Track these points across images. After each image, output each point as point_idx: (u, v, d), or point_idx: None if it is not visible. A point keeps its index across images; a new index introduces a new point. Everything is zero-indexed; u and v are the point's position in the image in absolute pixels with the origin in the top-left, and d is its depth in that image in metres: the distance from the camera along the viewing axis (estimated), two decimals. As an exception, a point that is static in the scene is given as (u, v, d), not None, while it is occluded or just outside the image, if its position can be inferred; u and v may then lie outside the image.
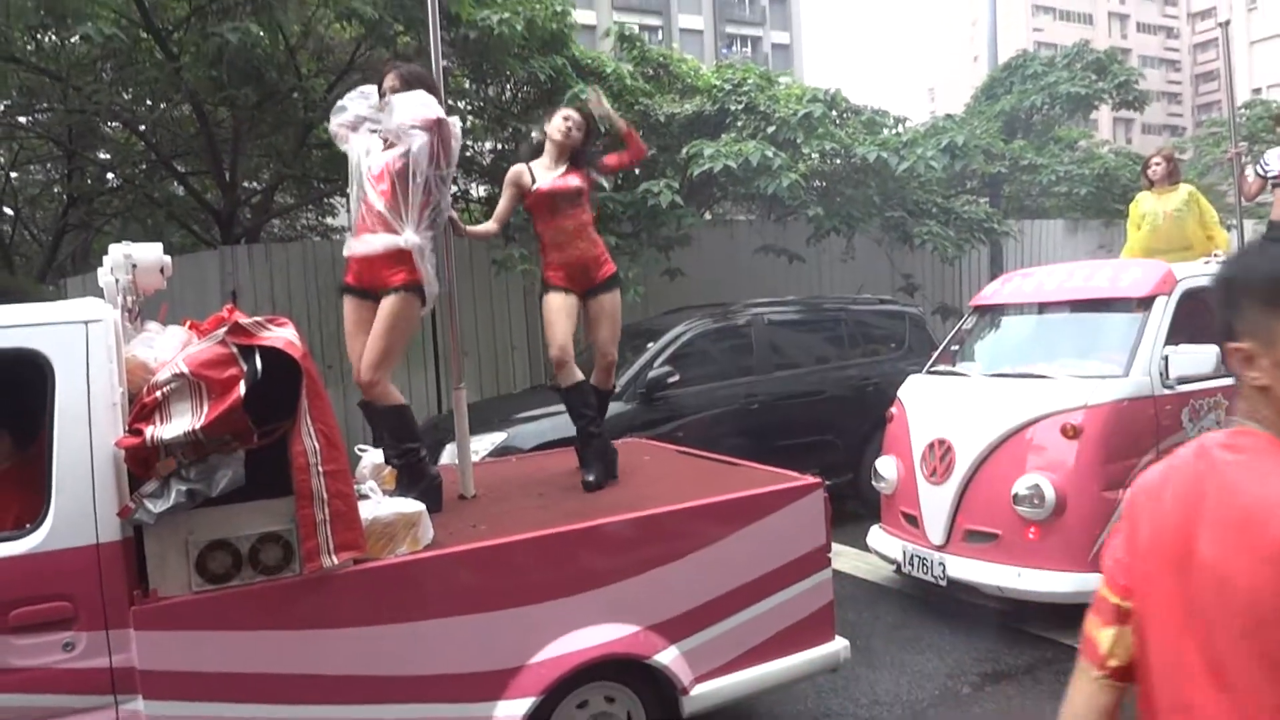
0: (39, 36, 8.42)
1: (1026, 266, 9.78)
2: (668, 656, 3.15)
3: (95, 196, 12.39)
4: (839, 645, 3.55)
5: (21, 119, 10.64)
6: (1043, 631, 4.69)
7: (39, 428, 2.55)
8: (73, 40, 8.60)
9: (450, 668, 2.83)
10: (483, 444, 6.03)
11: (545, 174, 4.14)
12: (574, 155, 4.20)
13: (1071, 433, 4.65)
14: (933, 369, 5.88)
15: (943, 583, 4.90)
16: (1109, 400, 4.70)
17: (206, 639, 2.53)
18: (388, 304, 3.46)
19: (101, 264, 3.01)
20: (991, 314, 5.98)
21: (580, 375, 4.12)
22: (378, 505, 2.91)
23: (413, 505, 2.96)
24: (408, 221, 3.41)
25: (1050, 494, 4.56)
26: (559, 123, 4.16)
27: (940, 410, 5.31)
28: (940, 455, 5.07)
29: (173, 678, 2.48)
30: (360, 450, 3.90)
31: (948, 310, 10.79)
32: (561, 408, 4.44)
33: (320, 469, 2.60)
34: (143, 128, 10.50)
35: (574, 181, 4.14)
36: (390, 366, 3.53)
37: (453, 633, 2.84)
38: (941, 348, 6.17)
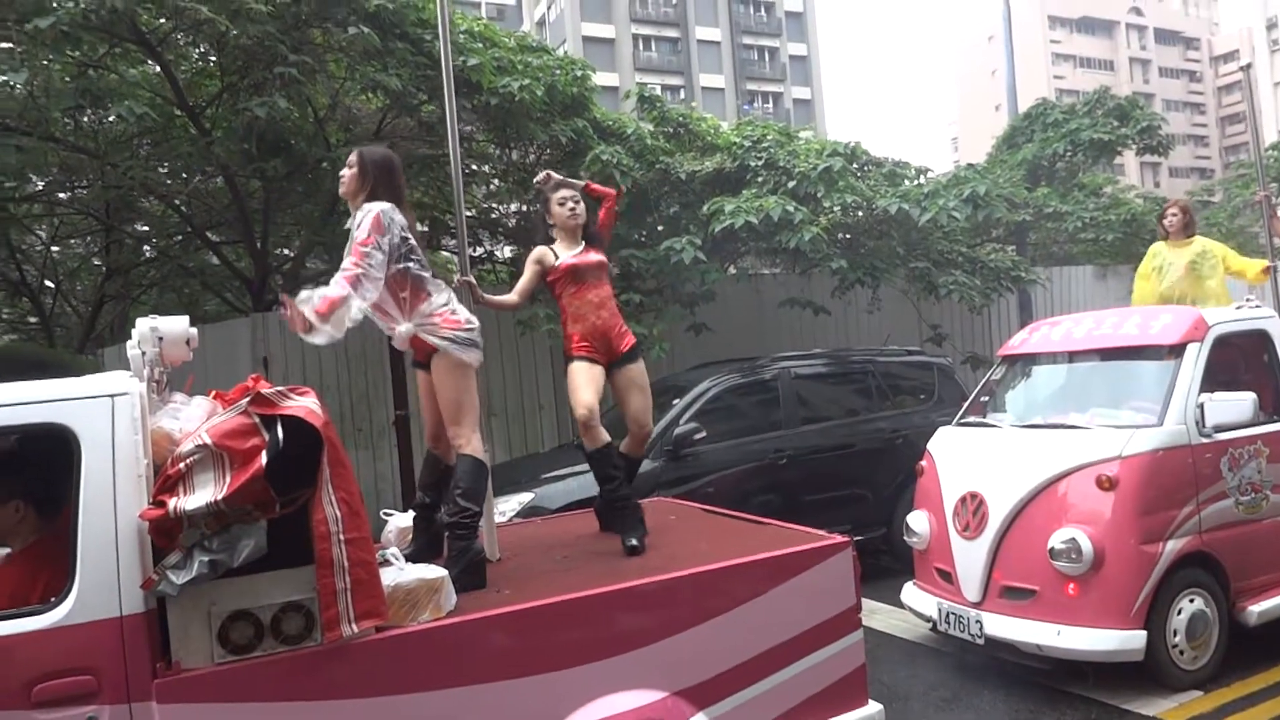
0: (77, 116, 8.71)
1: (1057, 313, 9.71)
2: (696, 723, 3.07)
3: (132, 268, 12.70)
4: (873, 710, 3.44)
5: (61, 195, 10.96)
6: (1085, 692, 4.55)
7: (64, 501, 2.58)
8: (110, 119, 8.90)
9: (474, 738, 2.78)
10: (510, 504, 6.03)
11: (567, 253, 4.20)
12: (587, 236, 4.25)
13: (1107, 484, 4.55)
14: (963, 420, 5.80)
15: (980, 641, 4.77)
16: (1144, 450, 4.61)
17: (229, 711, 2.50)
18: (434, 369, 3.53)
19: None
20: (1020, 364, 5.91)
21: (607, 437, 4.11)
22: (400, 572, 2.89)
23: (435, 571, 2.94)
24: (400, 314, 3.44)
25: (1088, 548, 4.45)
26: (559, 209, 4.19)
27: (971, 463, 5.23)
28: (973, 509, 4.97)
29: (195, 752, 2.46)
30: (385, 515, 3.90)
31: (978, 360, 10.69)
32: (587, 467, 4.42)
33: (341, 537, 2.59)
34: (178, 200, 10.78)
35: (595, 257, 4.20)
36: (465, 420, 3.54)
37: (476, 700, 2.79)
38: (971, 399, 6.10)
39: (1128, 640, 4.40)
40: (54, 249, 13.48)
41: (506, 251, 11.60)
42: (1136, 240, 12.70)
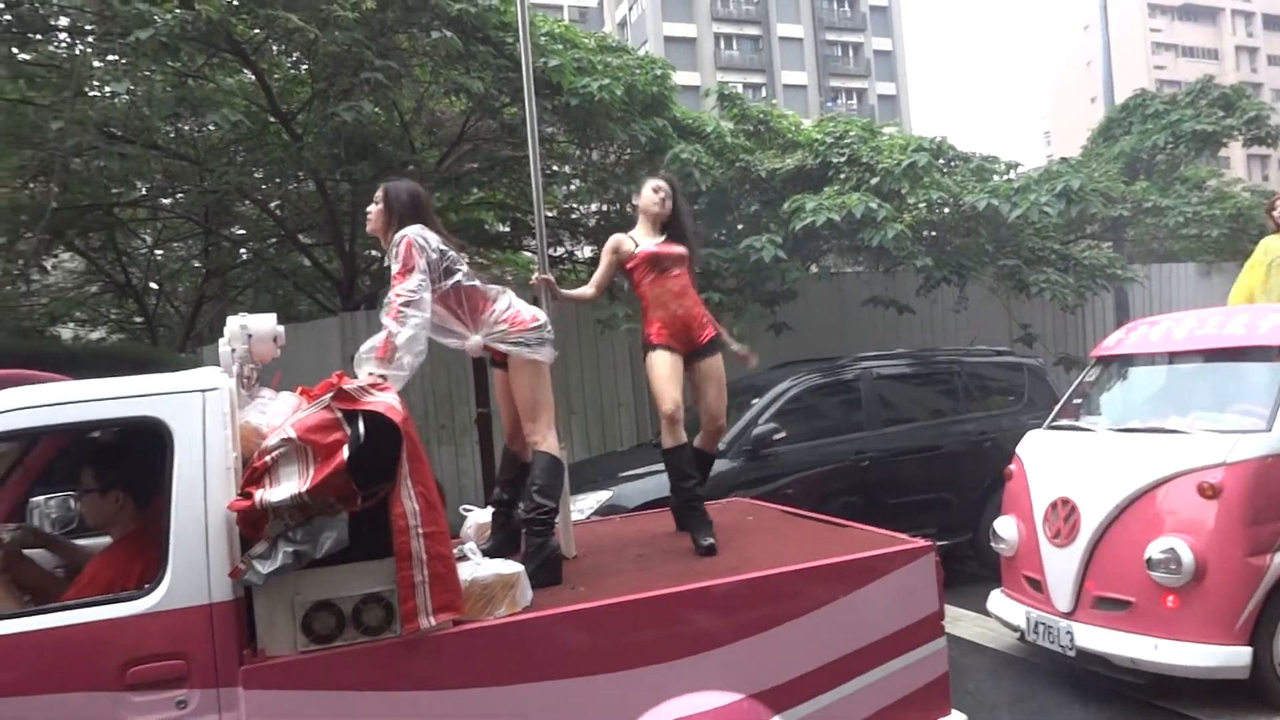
0: (177, 124, 9.07)
1: (1156, 313, 9.31)
2: (772, 727, 3.03)
3: (229, 269, 13.20)
4: (957, 719, 3.35)
5: (164, 200, 11.45)
6: (1184, 709, 4.33)
7: (158, 492, 2.67)
8: (208, 127, 9.25)
9: (548, 734, 2.79)
10: (588, 502, 6.04)
11: (646, 240, 4.19)
12: (670, 228, 4.22)
13: (1210, 492, 4.33)
14: (1054, 424, 5.60)
15: (1070, 653, 4.59)
16: (1252, 457, 4.36)
17: (311, 698, 2.56)
18: (510, 370, 3.57)
19: None
20: (1117, 365, 5.67)
21: (686, 437, 4.08)
22: (477, 567, 2.92)
23: (511, 567, 2.96)
24: (466, 328, 3.46)
25: (1188, 558, 4.24)
26: (651, 194, 4.19)
27: (1063, 467, 5.04)
28: (1064, 515, 4.79)
29: (279, 737, 2.52)
30: (464, 510, 3.95)
31: (1070, 361, 10.32)
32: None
33: (420, 531, 2.63)
34: (272, 204, 11.17)
35: (676, 248, 4.17)
36: (541, 418, 3.55)
37: (550, 697, 2.79)
38: (1063, 401, 5.88)
39: (1231, 657, 4.17)
40: (157, 252, 14.11)
41: (586, 251, 11.67)
42: (1243, 236, 12.10)
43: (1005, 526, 5.23)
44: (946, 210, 9.02)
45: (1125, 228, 12.07)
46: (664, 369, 4.04)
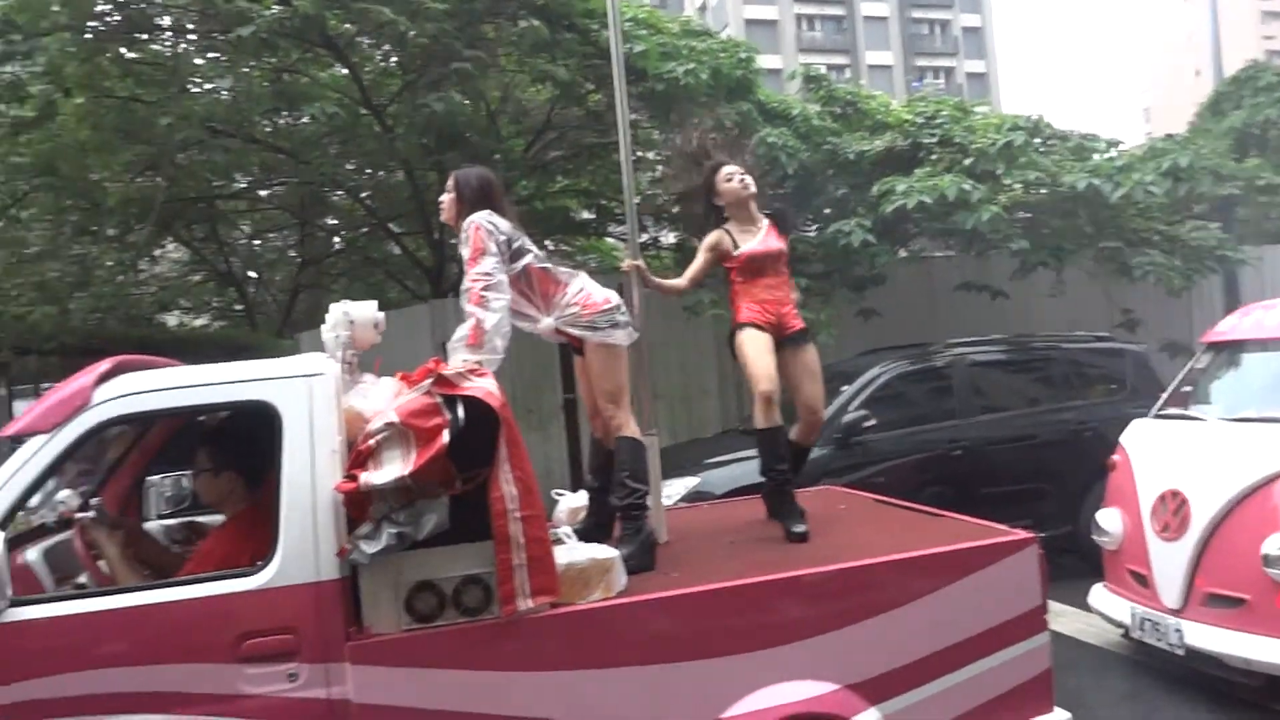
0: (274, 118, 9.37)
1: (1270, 296, 8.84)
2: (868, 718, 2.98)
3: (323, 258, 13.61)
4: (1060, 717, 3.25)
5: (261, 192, 11.85)
6: (1305, 712, 4.13)
7: (267, 473, 2.77)
8: (303, 120, 9.53)
9: (641, 718, 2.80)
10: (675, 489, 6.05)
11: (746, 237, 4.03)
12: (771, 213, 4.13)
13: (1334, 485, 4.10)
14: (1161, 413, 5.37)
15: (1179, 651, 4.40)
16: (1379, 447, 4.12)
17: (414, 676, 2.63)
18: (586, 354, 3.58)
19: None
20: (1229, 351, 5.40)
21: (781, 419, 4.00)
22: (573, 550, 2.95)
23: (607, 551, 2.98)
24: (538, 311, 3.47)
25: (1310, 554, 4.02)
26: (729, 184, 4.03)
27: (1172, 458, 4.83)
28: (1173, 509, 4.59)
29: (383, 711, 2.58)
30: (557, 495, 3.99)
31: (1176, 347, 9.88)
32: (753, 452, 4.32)
33: (518, 515, 2.67)
34: (363, 194, 11.45)
35: (775, 244, 4.05)
36: (620, 401, 3.55)
37: (645, 682, 2.81)
38: (1171, 389, 5.63)
39: (1358, 659, 3.96)
40: (255, 242, 14.64)
41: (670, 237, 11.65)
42: (1367, 215, 11.42)
43: (1109, 519, 5.05)
44: (1044, 191, 8.71)
45: (1236, 207, 11.46)
46: (757, 345, 3.91)
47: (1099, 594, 5.12)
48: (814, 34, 49.09)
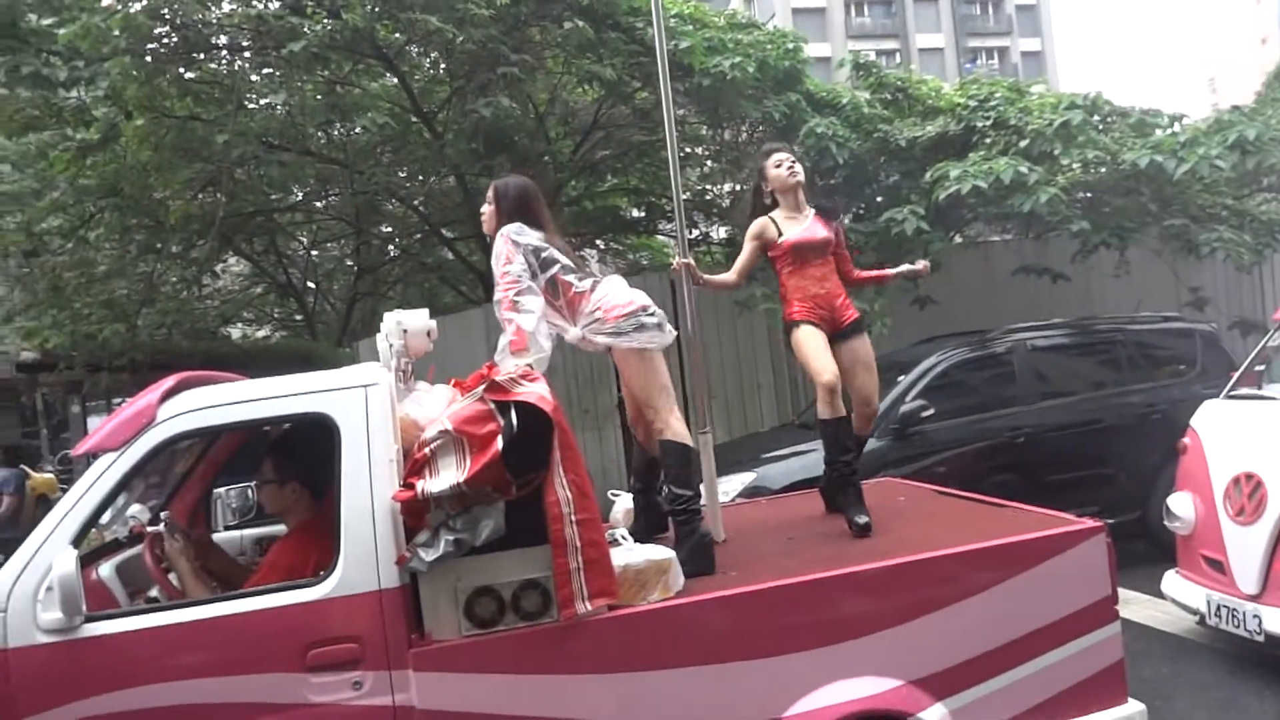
0: (328, 130, 9.54)
1: (1345, 269, 8.49)
2: (934, 715, 2.94)
3: (379, 266, 13.84)
4: (1134, 709, 3.16)
5: (318, 204, 12.10)
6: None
7: (327, 482, 2.82)
8: (355, 131, 9.70)
9: (704, 718, 2.79)
10: (732, 484, 6.02)
11: (790, 225, 4.01)
12: (817, 205, 4.11)
13: None
14: (1233, 393, 5.20)
15: (1259, 638, 4.26)
16: None
17: (476, 681, 2.66)
18: (617, 361, 3.56)
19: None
20: (1304, 327, 5.21)
21: (845, 410, 3.96)
22: (629, 552, 2.95)
23: (663, 552, 2.98)
24: (567, 322, 3.44)
25: (1396, 536, 3.86)
26: (778, 170, 4.02)
27: (1246, 440, 4.68)
28: (1249, 492, 4.45)
29: (446, 717, 2.62)
30: (613, 496, 4.00)
31: (1247, 325, 9.54)
32: (809, 446, 4.30)
33: (573, 518, 2.68)
34: (416, 201, 11.62)
35: (821, 232, 4.00)
36: (659, 404, 3.48)
37: (706, 682, 2.80)
38: (1243, 368, 5.45)
39: None
40: (313, 253, 14.95)
41: (721, 232, 11.61)
42: None
43: (1181, 504, 4.90)
44: (1104, 170, 8.46)
45: (1309, 178, 11.04)
46: (814, 341, 3.90)
47: (1172, 580, 4.98)
48: (863, 19, 48.43)
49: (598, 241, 13.40)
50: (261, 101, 8.87)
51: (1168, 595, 4.98)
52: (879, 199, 9.27)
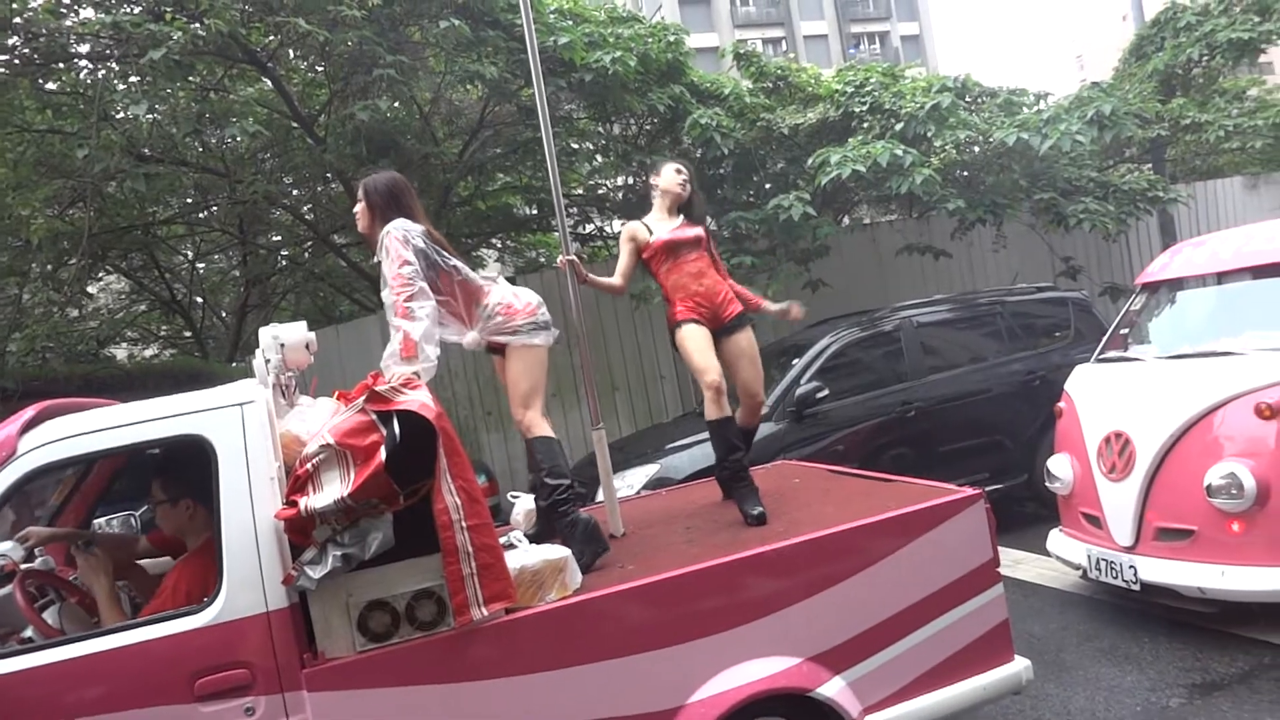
0: (204, 139, 9.18)
1: (1204, 232, 9.03)
2: (833, 688, 3.03)
3: (268, 277, 13.38)
4: (1020, 665, 3.32)
5: (199, 215, 11.64)
6: (1257, 634, 4.26)
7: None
8: (237, 139, 9.35)
9: (608, 711, 2.81)
10: (636, 477, 6.06)
11: (661, 225, 4.16)
12: (687, 210, 4.22)
13: (1268, 412, 4.21)
14: (1102, 356, 5.48)
15: (1135, 587, 4.52)
16: (1309, 372, 4.24)
17: (375, 696, 2.62)
18: (508, 359, 3.57)
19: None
20: (1163, 290, 5.52)
21: (730, 409, 4.07)
22: (525, 554, 2.95)
23: (558, 551, 2.98)
24: (463, 324, 3.47)
25: (1250, 482, 4.13)
26: (674, 175, 4.18)
27: (1114, 400, 4.93)
28: (1119, 449, 4.70)
29: (347, 736, 2.58)
30: (512, 498, 3.98)
31: (1117, 290, 10.08)
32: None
33: (464, 524, 2.66)
34: (303, 209, 11.29)
35: (691, 230, 4.15)
36: (533, 404, 3.53)
37: (608, 676, 2.83)
38: (1109, 333, 5.75)
39: (1302, 578, 4.08)
40: (198, 266, 14.36)
41: (616, 225, 11.63)
42: (1290, 144, 11.68)
43: (1059, 465, 5.15)
44: (976, 149, 8.81)
45: (1165, 148, 11.70)
46: (698, 341, 4.02)
47: (1056, 538, 5.23)
48: (748, 9, 48.98)
49: (494, 241, 13.25)
50: (129, 111, 8.48)
51: (1052, 553, 5.23)
52: (767, 186, 9.45)
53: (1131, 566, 4.54)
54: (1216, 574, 4.21)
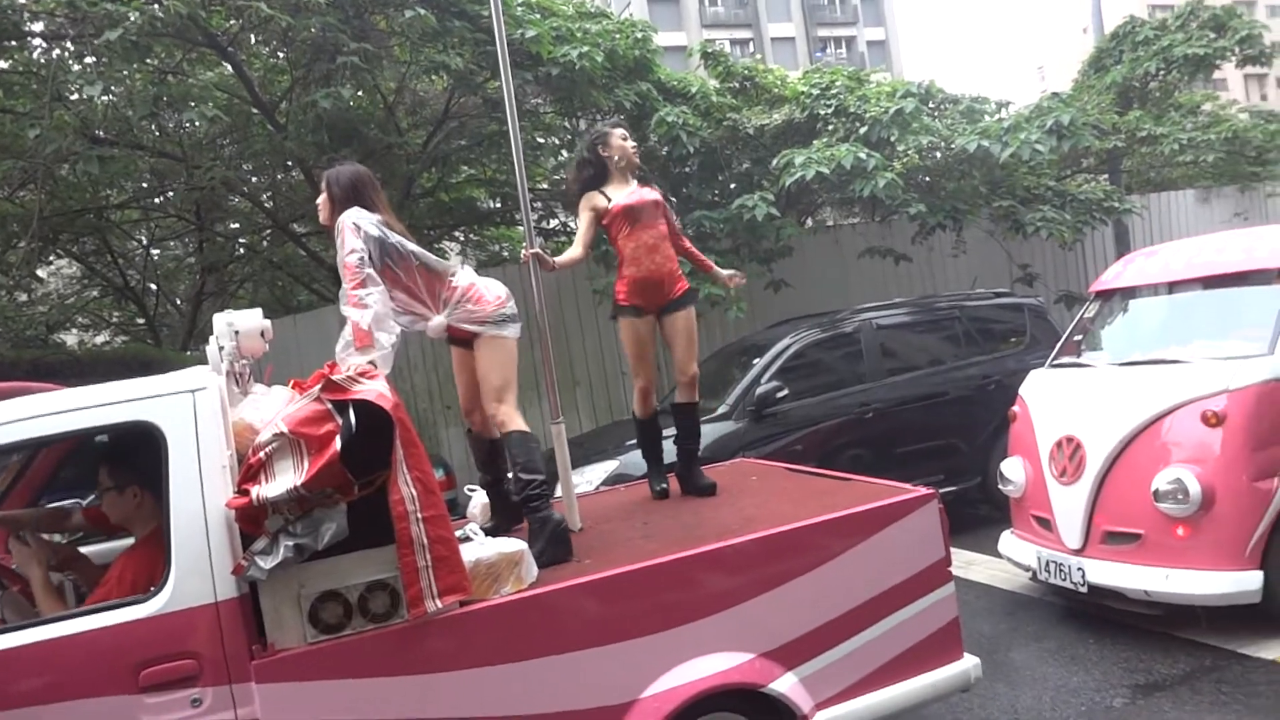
0: (161, 122, 9.00)
1: (1157, 243, 9.23)
2: (785, 684, 3.05)
3: (225, 265, 13.16)
4: (969, 664, 3.36)
5: (155, 200, 11.41)
6: (1199, 637, 4.35)
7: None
8: (195, 123, 9.19)
9: (561, 705, 2.81)
10: (596, 473, 6.06)
11: (618, 191, 4.18)
12: (641, 176, 4.29)
13: (1214, 420, 4.31)
14: (1056, 362, 5.58)
15: (1083, 589, 4.60)
16: (1254, 382, 4.34)
17: (324, 688, 2.59)
18: (478, 351, 3.55)
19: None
20: (1116, 299, 5.63)
21: (654, 410, 4.35)
22: (480, 546, 2.93)
23: (514, 544, 2.97)
24: (428, 309, 3.44)
25: (1195, 488, 4.23)
26: (622, 142, 4.21)
27: (1066, 405, 5.02)
28: (1070, 453, 4.78)
29: (296, 728, 2.55)
30: (469, 491, 3.96)
31: (1072, 298, 10.27)
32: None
33: (419, 515, 2.64)
34: (262, 196, 11.11)
35: (649, 195, 4.20)
36: (507, 398, 3.53)
37: (562, 670, 2.82)
38: (1063, 339, 5.85)
39: (1243, 581, 4.18)
40: (153, 252, 14.09)
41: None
42: (1240, 159, 11.97)
43: (1012, 468, 5.23)
44: (938, 155, 8.93)
45: (1121, 159, 11.94)
46: (632, 344, 4.22)
47: (1007, 540, 5.31)
48: (717, 9, 49.10)
49: (457, 233, 13.16)
50: (84, 92, 8.29)
51: (1004, 554, 5.31)
52: (732, 186, 9.49)
53: (1080, 569, 4.62)
54: (1161, 577, 4.30)
